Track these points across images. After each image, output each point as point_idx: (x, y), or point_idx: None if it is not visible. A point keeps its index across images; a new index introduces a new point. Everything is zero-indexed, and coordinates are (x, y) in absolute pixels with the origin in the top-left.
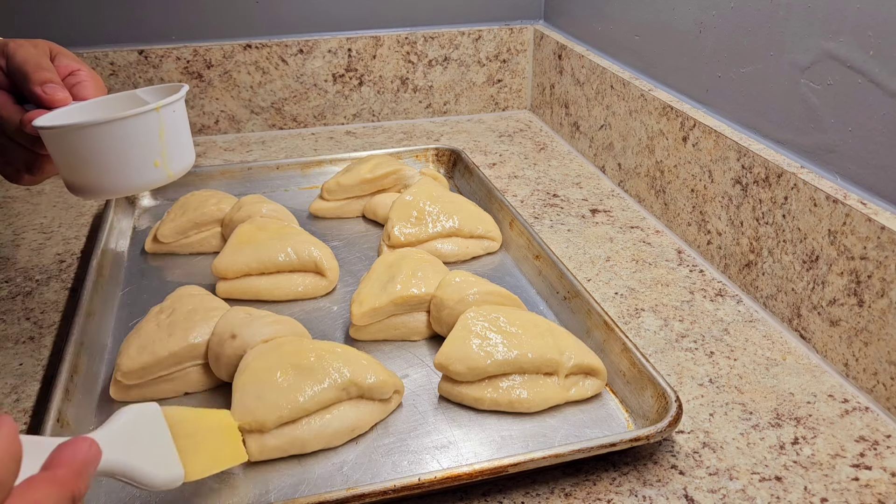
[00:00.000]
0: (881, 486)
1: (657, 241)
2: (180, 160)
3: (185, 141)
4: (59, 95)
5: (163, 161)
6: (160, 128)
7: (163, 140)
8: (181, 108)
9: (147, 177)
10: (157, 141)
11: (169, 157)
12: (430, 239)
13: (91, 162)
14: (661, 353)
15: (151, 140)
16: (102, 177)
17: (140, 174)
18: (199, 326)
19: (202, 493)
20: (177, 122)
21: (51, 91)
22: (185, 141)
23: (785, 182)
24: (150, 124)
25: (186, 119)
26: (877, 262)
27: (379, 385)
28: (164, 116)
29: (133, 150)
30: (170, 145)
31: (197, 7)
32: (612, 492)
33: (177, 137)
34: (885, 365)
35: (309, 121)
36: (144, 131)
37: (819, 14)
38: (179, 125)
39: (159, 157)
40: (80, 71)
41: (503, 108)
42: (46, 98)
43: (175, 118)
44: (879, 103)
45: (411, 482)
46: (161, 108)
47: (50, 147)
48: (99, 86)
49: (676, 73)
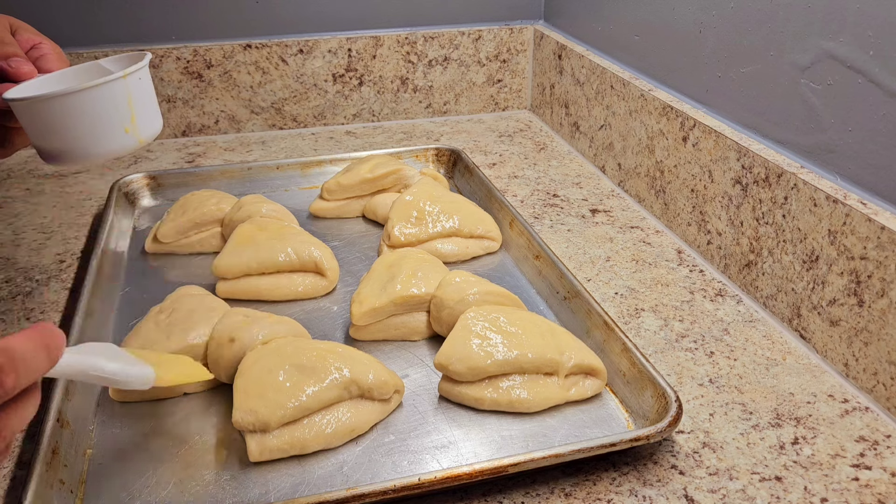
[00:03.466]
0: (881, 486)
1: (657, 241)
2: (149, 126)
3: (153, 107)
4: (24, 69)
5: (132, 127)
6: (128, 95)
7: (131, 107)
8: (146, 76)
9: (118, 143)
10: (125, 108)
11: (138, 123)
12: (430, 239)
13: (63, 130)
14: (661, 353)
15: (120, 107)
16: (75, 144)
17: (111, 140)
18: (198, 327)
19: (202, 493)
20: (143, 89)
21: (16, 65)
22: (153, 107)
23: (785, 182)
24: (118, 92)
25: (152, 86)
26: (877, 262)
27: (379, 384)
28: (131, 84)
29: (103, 117)
30: (138, 112)
31: (197, 7)
32: (612, 492)
33: (144, 104)
34: (885, 365)
35: (309, 121)
36: (113, 99)
37: (819, 14)
38: (146, 92)
39: (129, 123)
40: (42, 44)
41: (503, 108)
42: (12, 71)
43: (141, 85)
44: (879, 103)
45: (411, 482)
46: (128, 75)
47: (22, 119)
48: (62, 58)
49: (676, 73)
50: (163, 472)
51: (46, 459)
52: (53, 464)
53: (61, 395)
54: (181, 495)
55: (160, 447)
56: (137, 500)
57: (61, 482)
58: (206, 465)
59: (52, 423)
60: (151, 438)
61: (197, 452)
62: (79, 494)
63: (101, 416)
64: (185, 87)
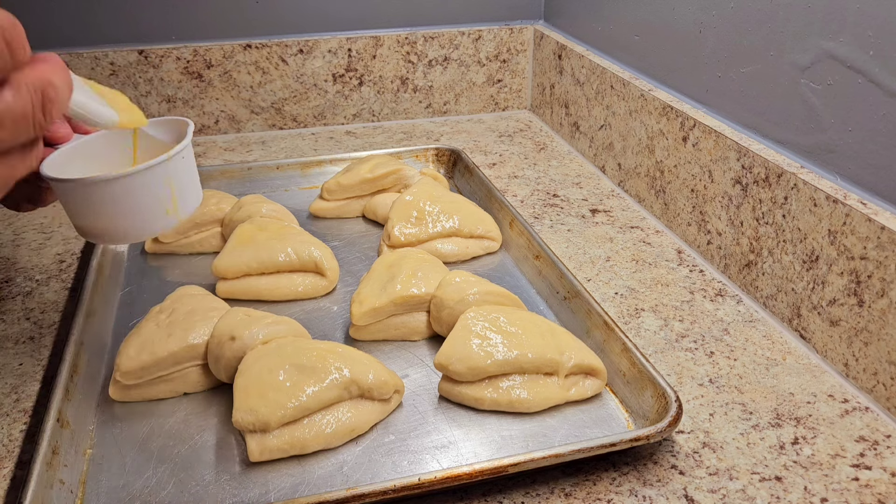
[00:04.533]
0: (881, 486)
1: (657, 241)
2: (190, 203)
3: (194, 182)
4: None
5: (174, 208)
6: (170, 177)
7: (173, 188)
8: (189, 153)
9: (158, 224)
10: (167, 190)
11: (179, 202)
12: (430, 239)
13: (102, 213)
14: (661, 353)
15: (163, 190)
16: (114, 226)
17: (152, 223)
18: (198, 327)
19: (202, 493)
20: (186, 167)
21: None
22: (194, 182)
23: (785, 182)
24: (160, 174)
25: (193, 160)
26: (877, 262)
27: (379, 384)
28: (175, 165)
29: (144, 201)
30: (180, 191)
31: (197, 7)
32: (612, 492)
33: (186, 182)
34: (885, 365)
35: (309, 121)
36: (155, 182)
37: (819, 14)
38: (189, 170)
39: (170, 204)
40: None
41: (503, 108)
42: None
43: (184, 164)
44: (879, 103)
45: (411, 482)
46: (172, 158)
47: (59, 195)
48: None
49: (676, 73)
50: (163, 472)
51: (46, 459)
52: (53, 464)
53: (61, 395)
54: (181, 495)
55: (160, 447)
56: (137, 500)
57: (61, 482)
58: (206, 465)
59: (52, 423)
60: (151, 438)
61: (197, 452)
62: (79, 494)
63: (101, 416)
64: (185, 87)
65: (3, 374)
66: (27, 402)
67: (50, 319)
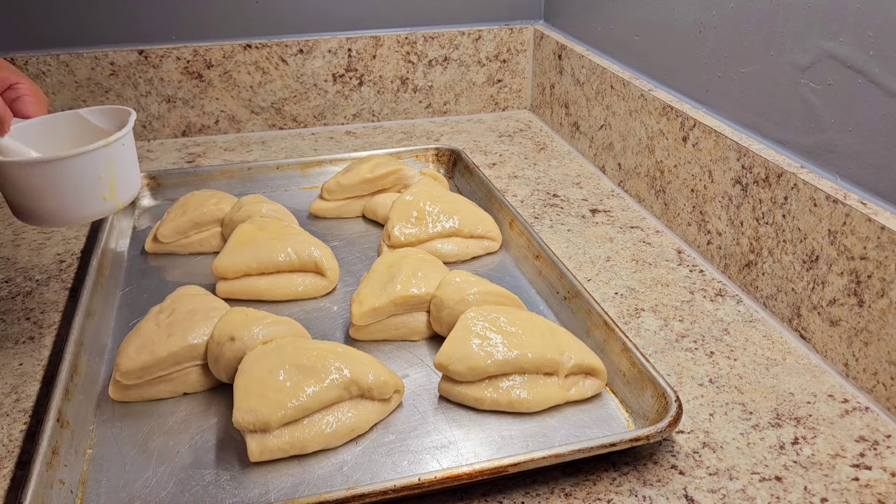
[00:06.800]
0: (881, 486)
1: (657, 241)
2: (128, 190)
3: (133, 170)
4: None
5: (111, 194)
6: (109, 163)
7: (111, 174)
8: (129, 140)
9: (95, 209)
10: (106, 176)
11: (117, 189)
12: (430, 239)
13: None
14: (661, 353)
15: (101, 175)
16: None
17: (88, 207)
18: (198, 327)
19: (202, 493)
20: (125, 154)
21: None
22: (133, 170)
23: (785, 182)
24: (99, 160)
25: (134, 148)
26: (877, 262)
27: (379, 384)
28: (114, 151)
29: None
30: (118, 178)
31: (197, 7)
32: (612, 492)
33: (125, 170)
34: (885, 365)
35: (309, 121)
36: (94, 167)
37: (819, 14)
38: (128, 157)
39: (108, 190)
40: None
41: (503, 108)
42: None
43: (124, 151)
44: (879, 103)
45: (411, 482)
46: (111, 143)
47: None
48: (40, 100)
49: (676, 73)
50: (163, 472)
51: (46, 459)
52: (53, 464)
53: (61, 395)
54: (181, 495)
55: (160, 447)
56: (137, 500)
57: (61, 482)
58: (206, 465)
59: (52, 423)
60: (151, 438)
61: (197, 452)
62: (79, 494)
63: (101, 416)
64: (185, 87)
65: (3, 374)
66: (27, 402)
67: (50, 319)
